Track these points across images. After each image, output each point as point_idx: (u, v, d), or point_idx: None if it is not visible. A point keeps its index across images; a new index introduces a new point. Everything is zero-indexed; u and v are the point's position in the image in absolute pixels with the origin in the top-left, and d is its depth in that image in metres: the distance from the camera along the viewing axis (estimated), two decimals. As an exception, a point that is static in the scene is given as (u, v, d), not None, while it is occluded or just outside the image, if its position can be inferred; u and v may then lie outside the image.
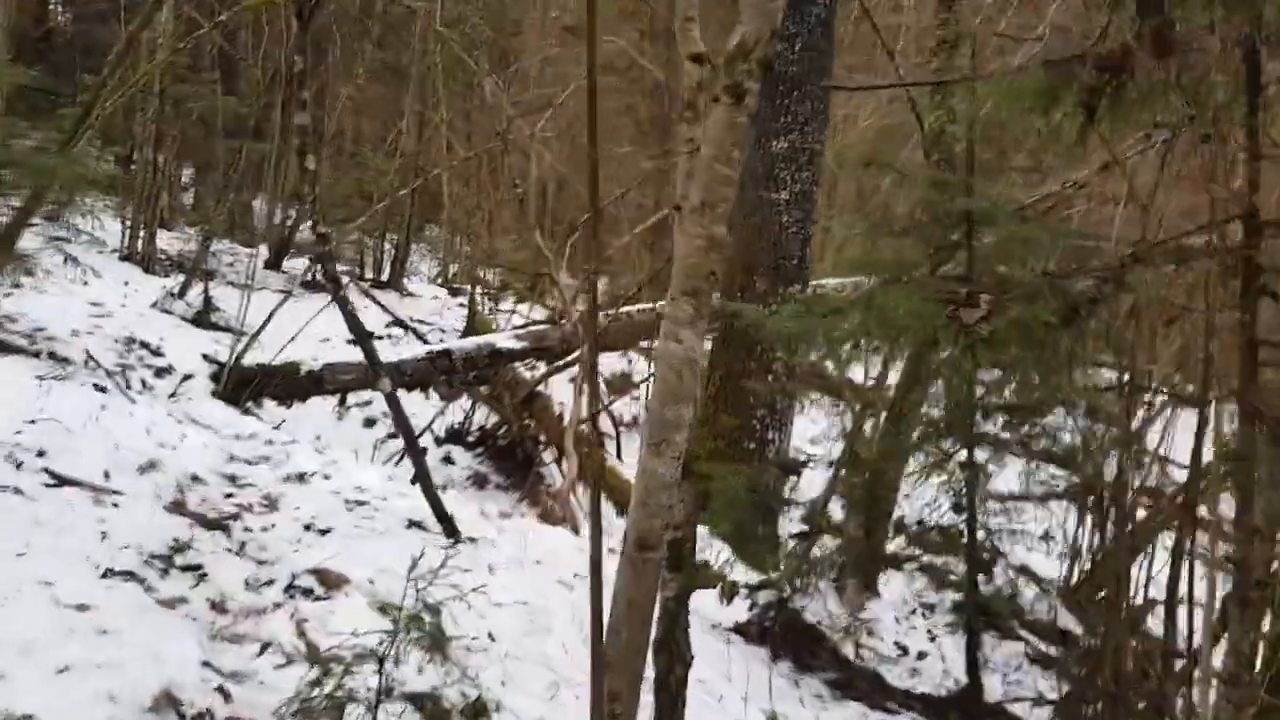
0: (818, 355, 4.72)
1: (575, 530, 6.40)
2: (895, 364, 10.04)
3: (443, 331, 12.87)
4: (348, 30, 12.33)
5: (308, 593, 3.61)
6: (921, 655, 8.56)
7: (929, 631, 9.21)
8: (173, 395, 7.66)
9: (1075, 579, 10.08)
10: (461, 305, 13.61)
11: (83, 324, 8.62)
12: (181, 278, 10.55)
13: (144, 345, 8.83)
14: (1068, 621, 10.05)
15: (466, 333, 12.27)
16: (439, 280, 16.40)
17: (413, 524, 4.71)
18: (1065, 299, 2.81)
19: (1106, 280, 2.81)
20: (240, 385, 7.76)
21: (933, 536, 10.79)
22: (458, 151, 11.70)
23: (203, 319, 10.05)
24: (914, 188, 4.70)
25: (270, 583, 3.65)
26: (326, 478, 5.17)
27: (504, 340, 7.98)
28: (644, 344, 9.01)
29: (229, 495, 4.53)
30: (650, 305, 8.27)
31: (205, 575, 3.61)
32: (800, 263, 6.90)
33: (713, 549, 6.03)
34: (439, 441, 9.49)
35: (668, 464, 2.31)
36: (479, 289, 12.96)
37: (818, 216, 7.25)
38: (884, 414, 9.43)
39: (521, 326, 8.39)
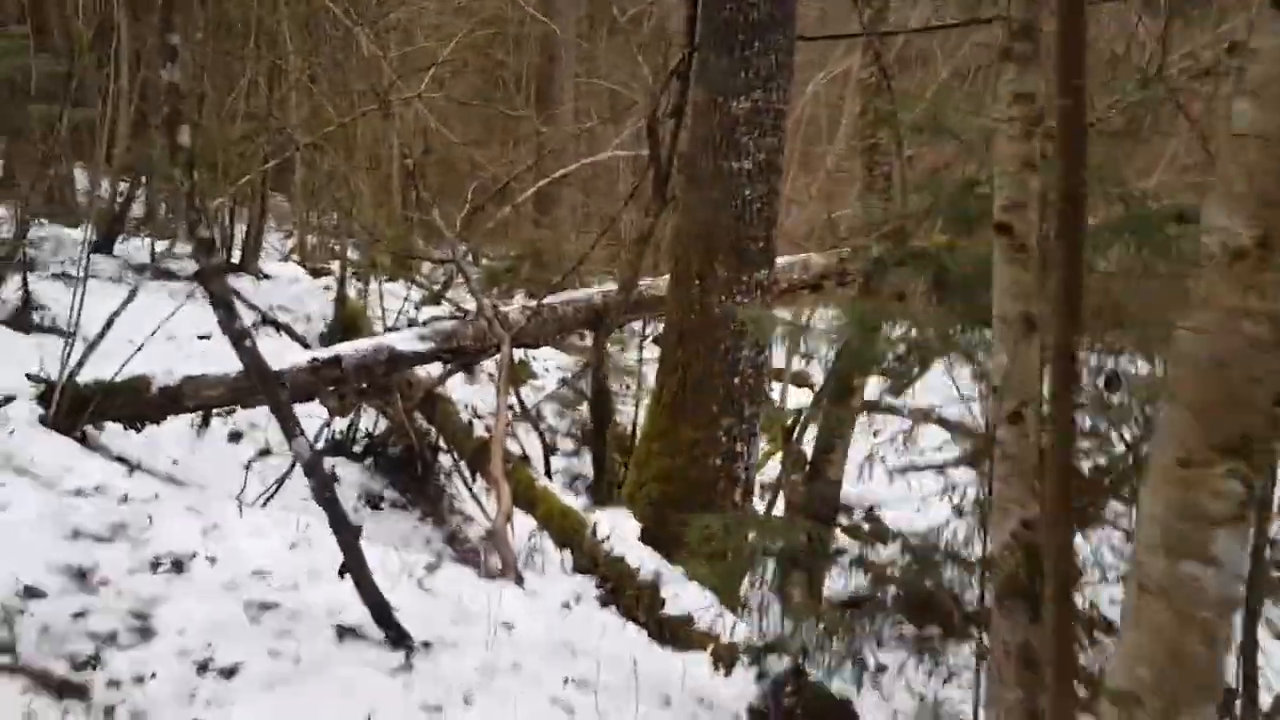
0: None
1: (519, 580, 5.14)
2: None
3: (308, 320, 11.26)
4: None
5: (224, 815, 2.29)
6: (881, 669, 7.71)
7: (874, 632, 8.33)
8: (-11, 425, 6.02)
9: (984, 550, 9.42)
10: (327, 288, 11.99)
11: None
12: (-7, 269, 8.69)
13: (-53, 358, 7.08)
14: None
15: (336, 322, 10.74)
16: (294, 258, 14.63)
17: (344, 631, 3.38)
18: None
19: None
20: (76, 408, 6.15)
21: (867, 527, 9.93)
22: (329, 114, 10.05)
23: (23, 321, 8.26)
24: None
25: (161, 798, 2.31)
26: (212, 560, 3.77)
27: (404, 341, 6.57)
28: (568, 340, 7.73)
29: (79, 615, 3.10)
30: (578, 295, 6.99)
31: (54, 791, 2.25)
32: (766, 245, 5.75)
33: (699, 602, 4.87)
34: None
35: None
36: (349, 270, 11.37)
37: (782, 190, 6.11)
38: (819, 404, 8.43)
39: (424, 323, 7.00)
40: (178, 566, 3.65)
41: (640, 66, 9.84)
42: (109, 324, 6.45)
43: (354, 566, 3.23)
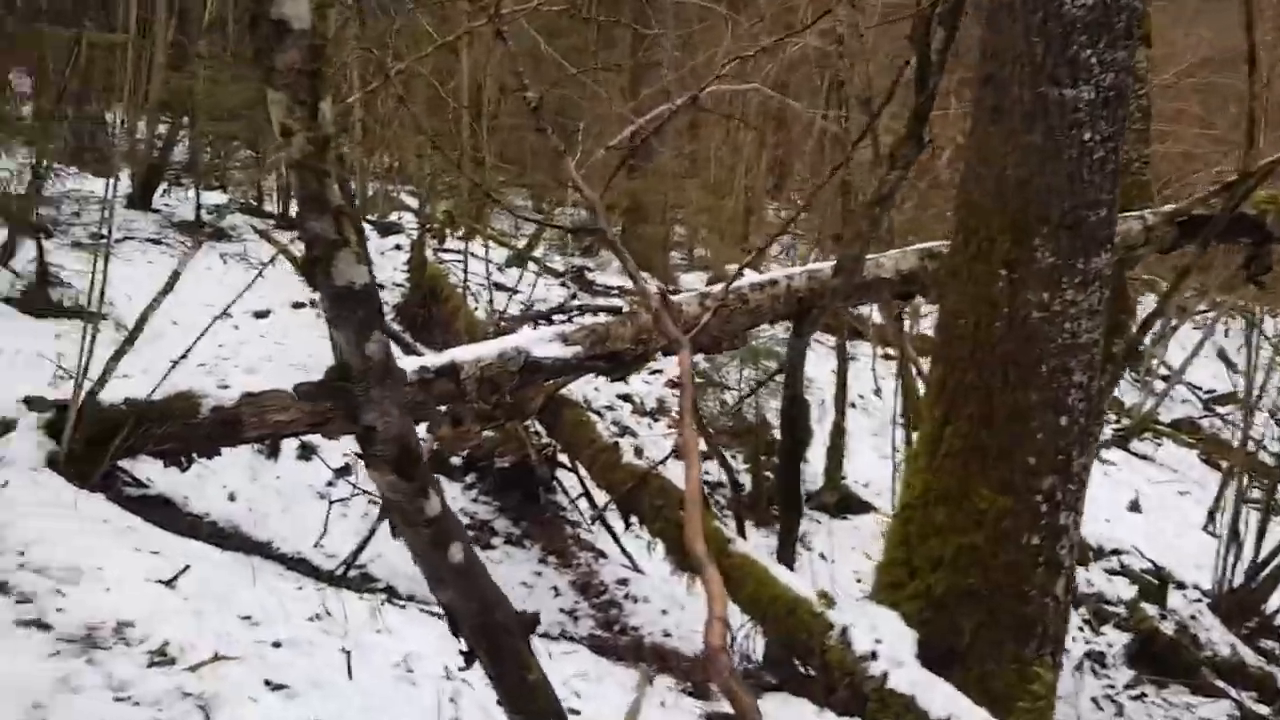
0: None
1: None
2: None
3: (380, 288, 9.39)
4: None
5: None
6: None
7: (1110, 698, 6.51)
8: (-25, 470, 4.22)
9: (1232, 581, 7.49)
10: (398, 248, 10.12)
11: None
12: (3, 233, 6.87)
13: (-64, 357, 5.33)
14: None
15: (415, 292, 8.87)
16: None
17: None
18: None
19: None
20: (99, 438, 4.34)
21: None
22: (427, 34, 8.06)
23: (38, 300, 6.46)
24: None
25: None
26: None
27: (542, 344, 4.66)
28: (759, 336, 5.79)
29: None
30: (774, 277, 5.03)
31: None
32: (1109, 215, 3.77)
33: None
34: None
35: None
36: (427, 227, 9.47)
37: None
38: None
39: (567, 315, 5.09)
40: None
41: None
42: (141, 322, 4.61)
43: None
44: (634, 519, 5.25)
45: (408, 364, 4.79)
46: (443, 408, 4.69)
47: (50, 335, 6.00)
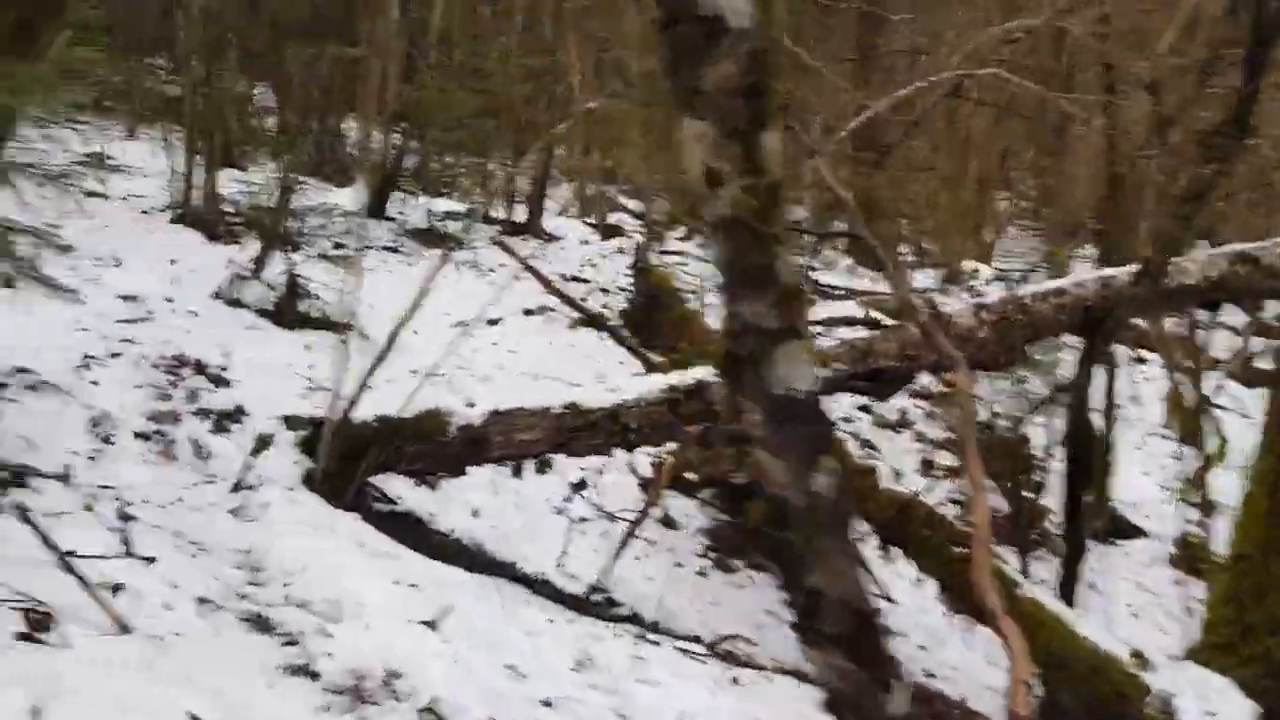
0: None
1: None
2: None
3: (605, 294, 9.24)
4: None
5: None
6: None
7: None
8: (238, 486, 4.24)
9: None
10: (621, 251, 9.96)
11: (100, 343, 5.26)
12: (256, 246, 7.07)
13: (199, 369, 5.44)
14: None
15: (640, 299, 8.67)
16: (571, 212, 12.70)
17: None
18: None
19: None
20: (350, 454, 4.29)
21: None
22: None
23: (287, 311, 6.60)
24: None
25: None
26: None
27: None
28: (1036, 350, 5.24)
29: None
30: (1061, 286, 4.49)
31: None
32: None
33: None
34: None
35: None
36: (648, 229, 9.28)
37: None
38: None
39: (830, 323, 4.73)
40: None
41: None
42: (391, 340, 4.52)
43: None
44: (894, 550, 4.83)
45: (654, 382, 4.54)
46: (689, 429, 4.41)
47: (300, 346, 6.10)
